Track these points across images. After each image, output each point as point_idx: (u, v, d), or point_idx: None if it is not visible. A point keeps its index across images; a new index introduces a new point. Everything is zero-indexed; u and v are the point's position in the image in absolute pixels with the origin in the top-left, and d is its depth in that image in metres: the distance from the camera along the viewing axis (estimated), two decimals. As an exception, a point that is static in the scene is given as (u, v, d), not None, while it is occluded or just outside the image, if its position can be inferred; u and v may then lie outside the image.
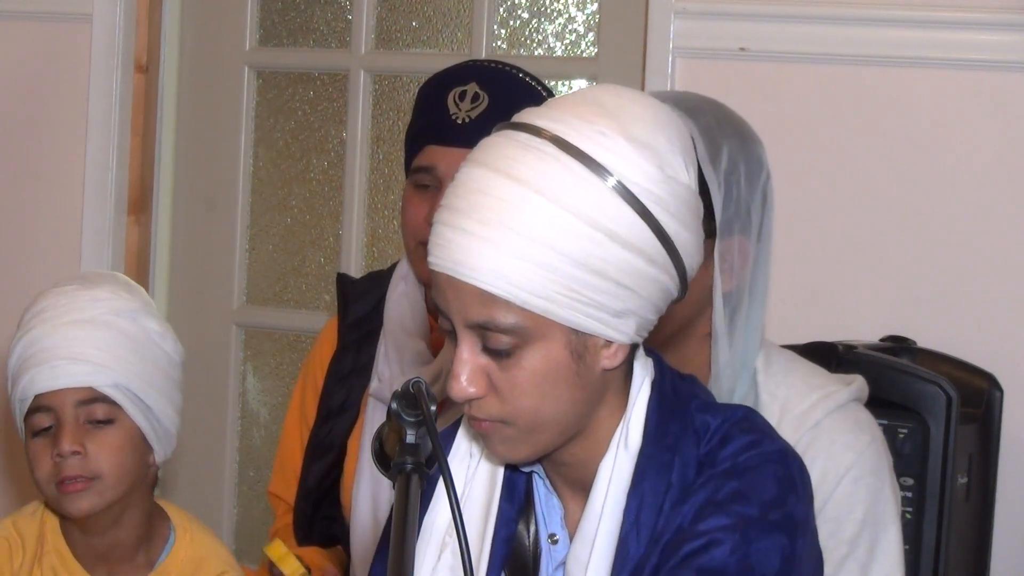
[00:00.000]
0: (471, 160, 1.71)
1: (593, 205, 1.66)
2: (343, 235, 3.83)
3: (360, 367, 2.77)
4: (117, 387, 2.27)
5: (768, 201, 2.24)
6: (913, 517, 2.77)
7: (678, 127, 1.74)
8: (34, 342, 2.27)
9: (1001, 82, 3.15)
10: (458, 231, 1.67)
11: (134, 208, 3.87)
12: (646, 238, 1.68)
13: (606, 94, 1.73)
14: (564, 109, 1.71)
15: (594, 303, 1.68)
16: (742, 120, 2.26)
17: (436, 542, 1.81)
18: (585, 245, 1.66)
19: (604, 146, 1.67)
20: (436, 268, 1.70)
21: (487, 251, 1.65)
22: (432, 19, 3.79)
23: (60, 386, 2.25)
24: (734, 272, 2.21)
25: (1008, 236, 3.13)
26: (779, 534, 1.72)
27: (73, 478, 2.25)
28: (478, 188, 1.67)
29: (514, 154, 1.68)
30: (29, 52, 3.86)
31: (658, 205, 1.68)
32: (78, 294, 2.30)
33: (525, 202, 1.65)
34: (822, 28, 3.23)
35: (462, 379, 1.71)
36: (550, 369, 1.70)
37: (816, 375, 2.29)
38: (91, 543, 2.32)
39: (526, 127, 1.70)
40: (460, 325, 1.70)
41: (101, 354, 2.26)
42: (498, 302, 1.67)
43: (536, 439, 1.74)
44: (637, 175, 1.67)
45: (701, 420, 1.79)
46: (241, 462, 3.97)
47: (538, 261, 1.65)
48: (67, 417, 2.26)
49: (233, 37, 3.92)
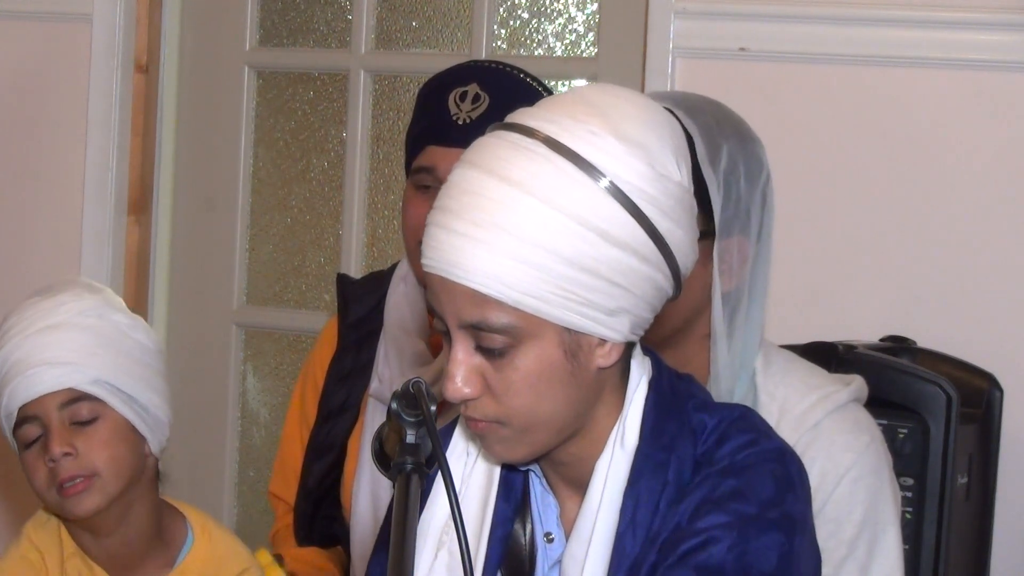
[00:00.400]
0: (464, 161, 1.71)
1: (585, 205, 1.66)
2: (343, 235, 3.83)
3: (360, 367, 2.77)
4: (96, 383, 2.28)
5: (768, 201, 2.23)
6: (913, 517, 2.77)
7: (670, 125, 1.74)
8: (8, 356, 2.28)
9: (1001, 82, 3.15)
10: (450, 232, 1.68)
11: (134, 208, 3.88)
12: (638, 237, 1.68)
13: (598, 93, 1.74)
14: (556, 109, 1.71)
15: (587, 302, 1.68)
16: (742, 120, 2.26)
17: (433, 540, 1.81)
18: (577, 245, 1.66)
19: (595, 145, 1.68)
20: (429, 270, 1.71)
21: (479, 252, 1.66)
22: (432, 19, 3.79)
23: (40, 392, 2.26)
24: (733, 272, 2.21)
25: (1008, 236, 3.13)
26: (776, 532, 1.72)
27: (71, 479, 2.25)
28: (470, 189, 1.68)
29: (506, 155, 1.68)
30: (29, 52, 3.86)
31: (650, 204, 1.69)
32: (41, 304, 2.32)
33: (517, 203, 1.66)
34: (822, 28, 3.23)
35: (457, 380, 1.71)
36: (544, 369, 1.70)
37: (815, 375, 2.29)
38: (103, 545, 2.32)
39: (518, 127, 1.70)
40: (454, 326, 1.71)
41: (74, 354, 2.27)
42: (490, 302, 1.67)
43: (532, 439, 1.74)
44: (629, 174, 1.68)
45: (698, 419, 1.79)
46: (241, 462, 3.97)
47: (530, 261, 1.66)
48: (53, 421, 2.26)
49: (233, 37, 3.92)
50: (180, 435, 3.95)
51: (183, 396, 3.89)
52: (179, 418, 3.88)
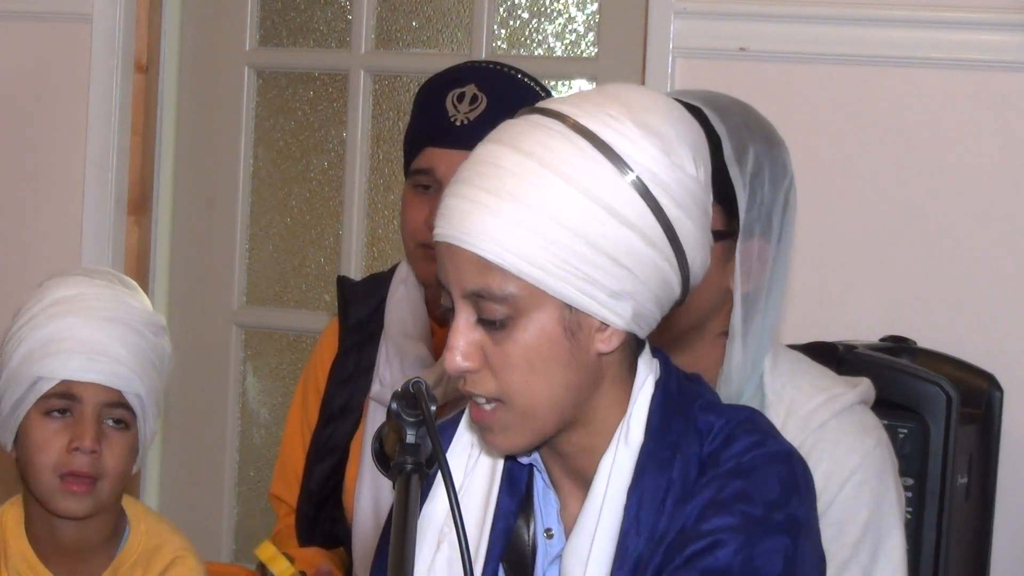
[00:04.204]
0: (486, 139, 1.75)
1: (597, 181, 1.69)
2: (343, 235, 3.83)
3: (362, 370, 2.77)
4: (138, 398, 2.29)
5: (790, 206, 2.24)
6: (913, 517, 2.77)
7: (691, 123, 1.77)
8: (72, 328, 2.26)
9: (1001, 82, 3.15)
10: (462, 199, 1.71)
11: (134, 208, 3.88)
12: (647, 219, 1.70)
13: (622, 88, 1.78)
14: (580, 97, 1.76)
15: (589, 279, 1.69)
16: (770, 124, 2.27)
17: (434, 534, 1.81)
18: (585, 219, 1.68)
19: (613, 128, 1.71)
20: (439, 238, 1.73)
21: (486, 218, 1.69)
22: (432, 19, 3.79)
23: (95, 380, 2.26)
24: (752, 274, 2.21)
25: (1008, 236, 3.14)
26: (782, 535, 1.73)
27: (82, 476, 2.25)
28: (486, 160, 1.72)
29: (524, 130, 1.73)
30: (29, 52, 3.86)
31: (662, 190, 1.71)
32: (114, 292, 2.31)
33: (529, 173, 1.69)
34: (822, 28, 3.23)
35: (457, 351, 1.72)
36: (543, 344, 1.71)
37: (823, 377, 2.29)
38: (57, 539, 2.31)
39: (540, 110, 1.75)
40: (458, 296, 1.73)
41: (134, 361, 2.28)
42: (494, 270, 1.69)
43: (532, 426, 1.74)
44: (643, 157, 1.70)
45: (704, 420, 1.79)
46: (241, 462, 3.97)
47: (536, 230, 1.68)
48: (91, 412, 2.26)
49: (233, 37, 3.92)
50: (180, 435, 3.96)
51: (183, 396, 3.90)
52: (179, 418, 3.91)
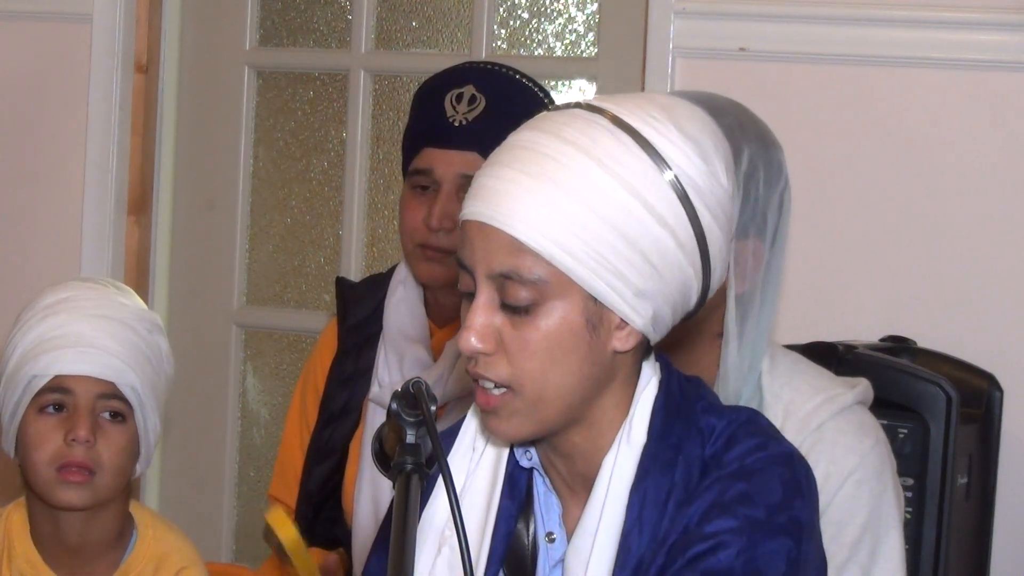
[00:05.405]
0: (522, 127, 1.75)
1: (637, 177, 1.70)
2: (343, 235, 3.83)
3: (361, 371, 2.77)
4: (134, 390, 2.30)
5: (785, 207, 2.24)
6: (913, 517, 2.77)
7: (723, 139, 1.79)
8: (63, 325, 2.29)
9: (1001, 82, 3.15)
10: (498, 180, 1.71)
11: (134, 208, 3.88)
12: (680, 220, 1.71)
13: (665, 97, 1.79)
14: (618, 98, 1.77)
15: (618, 273, 1.70)
16: (764, 124, 2.28)
17: (435, 537, 1.81)
18: (622, 212, 1.69)
19: (656, 129, 1.72)
20: (469, 217, 1.72)
21: (525, 198, 1.68)
22: (432, 19, 3.79)
23: (86, 372, 2.27)
24: (747, 275, 2.22)
25: (1008, 236, 3.14)
26: (784, 537, 1.73)
27: (78, 466, 2.26)
28: (525, 145, 1.72)
29: (565, 120, 1.73)
30: (29, 52, 3.86)
31: (698, 195, 1.72)
32: (105, 292, 2.35)
33: (570, 159, 1.69)
34: (822, 28, 3.23)
35: (472, 332, 1.72)
36: (564, 333, 1.71)
37: (821, 377, 2.29)
38: (61, 540, 2.32)
39: (583, 105, 1.75)
40: (482, 275, 1.72)
41: (126, 353, 2.30)
42: (526, 252, 1.69)
43: (540, 415, 1.74)
44: (681, 159, 1.72)
45: (706, 421, 1.80)
46: (241, 462, 3.97)
47: (572, 217, 1.68)
48: (85, 404, 2.28)
49: (233, 37, 3.92)
50: (180, 435, 3.96)
51: (183, 396, 3.89)
52: (179, 418, 3.91)
